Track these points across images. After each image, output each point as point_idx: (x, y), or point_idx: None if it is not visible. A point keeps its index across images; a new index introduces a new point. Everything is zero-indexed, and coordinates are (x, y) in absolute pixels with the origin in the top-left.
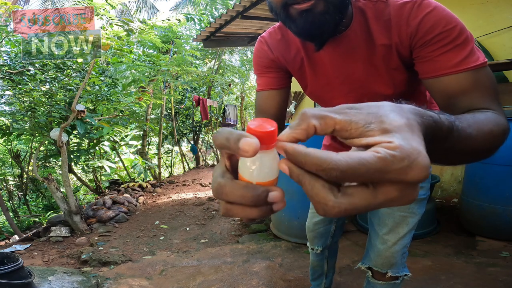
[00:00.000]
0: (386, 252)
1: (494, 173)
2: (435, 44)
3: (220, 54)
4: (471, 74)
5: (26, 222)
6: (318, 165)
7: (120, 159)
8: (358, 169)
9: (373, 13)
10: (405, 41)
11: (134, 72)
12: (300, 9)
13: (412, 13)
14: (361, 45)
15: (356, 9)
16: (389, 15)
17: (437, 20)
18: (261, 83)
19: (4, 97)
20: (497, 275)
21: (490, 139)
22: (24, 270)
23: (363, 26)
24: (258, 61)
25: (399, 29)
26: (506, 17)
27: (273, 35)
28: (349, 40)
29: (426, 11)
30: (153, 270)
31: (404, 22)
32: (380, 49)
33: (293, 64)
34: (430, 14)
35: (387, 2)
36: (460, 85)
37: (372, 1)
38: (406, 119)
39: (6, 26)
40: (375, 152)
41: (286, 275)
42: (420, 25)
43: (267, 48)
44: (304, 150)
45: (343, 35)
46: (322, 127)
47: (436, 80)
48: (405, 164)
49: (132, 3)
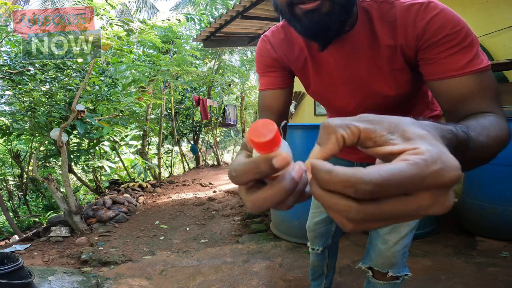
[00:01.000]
0: (387, 252)
1: (494, 173)
2: (441, 46)
3: (220, 54)
4: (476, 77)
5: (26, 222)
6: (345, 181)
7: (120, 159)
8: (392, 180)
9: (378, 14)
10: (411, 42)
11: (134, 72)
12: (305, 9)
13: (419, 15)
14: (365, 45)
15: (361, 9)
16: (395, 16)
17: (444, 22)
18: (264, 83)
19: (4, 97)
20: (497, 275)
21: (497, 144)
22: (24, 270)
23: (367, 27)
24: (261, 60)
25: (405, 30)
26: (506, 17)
27: (276, 34)
28: (354, 40)
29: (433, 13)
30: (153, 270)
31: (410, 23)
32: (385, 49)
33: (296, 64)
34: (437, 16)
35: (393, 3)
36: (464, 87)
37: (377, 2)
38: (427, 131)
39: (6, 26)
40: (405, 160)
41: (286, 275)
42: (427, 27)
43: (270, 47)
44: (330, 167)
45: (348, 35)
46: (349, 137)
47: (441, 82)
48: (438, 167)
49: (132, 3)
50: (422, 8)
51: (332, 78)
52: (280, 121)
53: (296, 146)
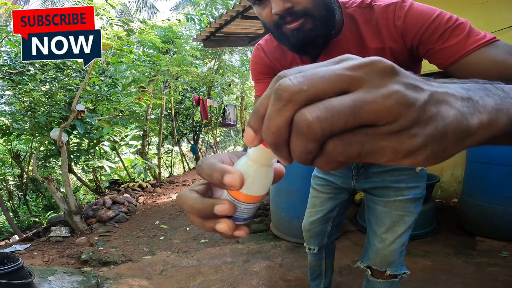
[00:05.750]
0: (384, 251)
1: (494, 173)
2: (432, 36)
3: (220, 54)
4: (489, 48)
5: (26, 222)
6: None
7: (120, 159)
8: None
9: (363, 18)
10: (399, 41)
11: (134, 72)
12: (291, 28)
13: (396, 15)
14: (353, 50)
15: (346, 15)
16: (376, 19)
17: (417, 15)
18: (259, 89)
19: (4, 97)
20: (497, 275)
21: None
22: (24, 270)
23: (354, 31)
24: (256, 67)
25: (390, 32)
26: (506, 17)
27: (269, 42)
28: (341, 45)
29: (404, 10)
30: (153, 270)
31: (391, 24)
32: (373, 52)
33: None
34: (409, 12)
35: (373, 7)
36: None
37: (361, 7)
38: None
39: (6, 26)
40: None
41: (286, 275)
42: (406, 24)
43: (264, 55)
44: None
45: (335, 41)
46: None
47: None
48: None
49: (132, 3)
50: (397, 8)
51: None
52: None
53: None
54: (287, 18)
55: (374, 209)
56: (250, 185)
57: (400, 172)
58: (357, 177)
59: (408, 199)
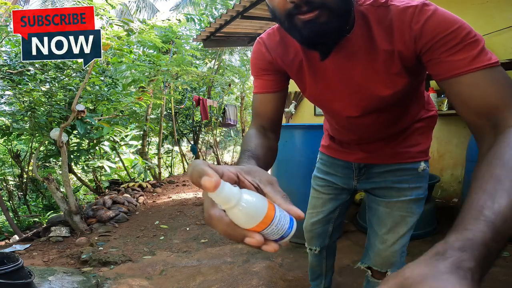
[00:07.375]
0: (385, 252)
1: None
2: (443, 47)
3: (220, 54)
4: (487, 72)
5: (26, 222)
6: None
7: (120, 159)
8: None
9: (375, 18)
10: (410, 45)
11: (134, 72)
12: (304, 19)
13: (414, 18)
14: (363, 49)
15: (358, 13)
16: (391, 20)
17: (439, 23)
18: (258, 85)
19: (4, 97)
20: (497, 275)
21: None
22: (24, 270)
23: (365, 31)
24: (256, 63)
25: (403, 35)
26: (506, 17)
27: (271, 36)
28: (351, 44)
29: (427, 15)
30: (153, 270)
31: (407, 27)
32: (382, 54)
33: (291, 67)
34: (432, 18)
35: (389, 7)
36: (474, 86)
37: (375, 6)
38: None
39: (6, 26)
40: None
41: (286, 275)
42: (423, 30)
43: (265, 50)
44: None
45: (345, 39)
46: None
47: (451, 82)
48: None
49: (132, 3)
50: (417, 11)
51: (328, 81)
52: (271, 127)
53: (296, 146)
54: (303, 8)
55: (376, 210)
56: (240, 222)
57: (402, 172)
58: (359, 177)
59: (410, 199)
